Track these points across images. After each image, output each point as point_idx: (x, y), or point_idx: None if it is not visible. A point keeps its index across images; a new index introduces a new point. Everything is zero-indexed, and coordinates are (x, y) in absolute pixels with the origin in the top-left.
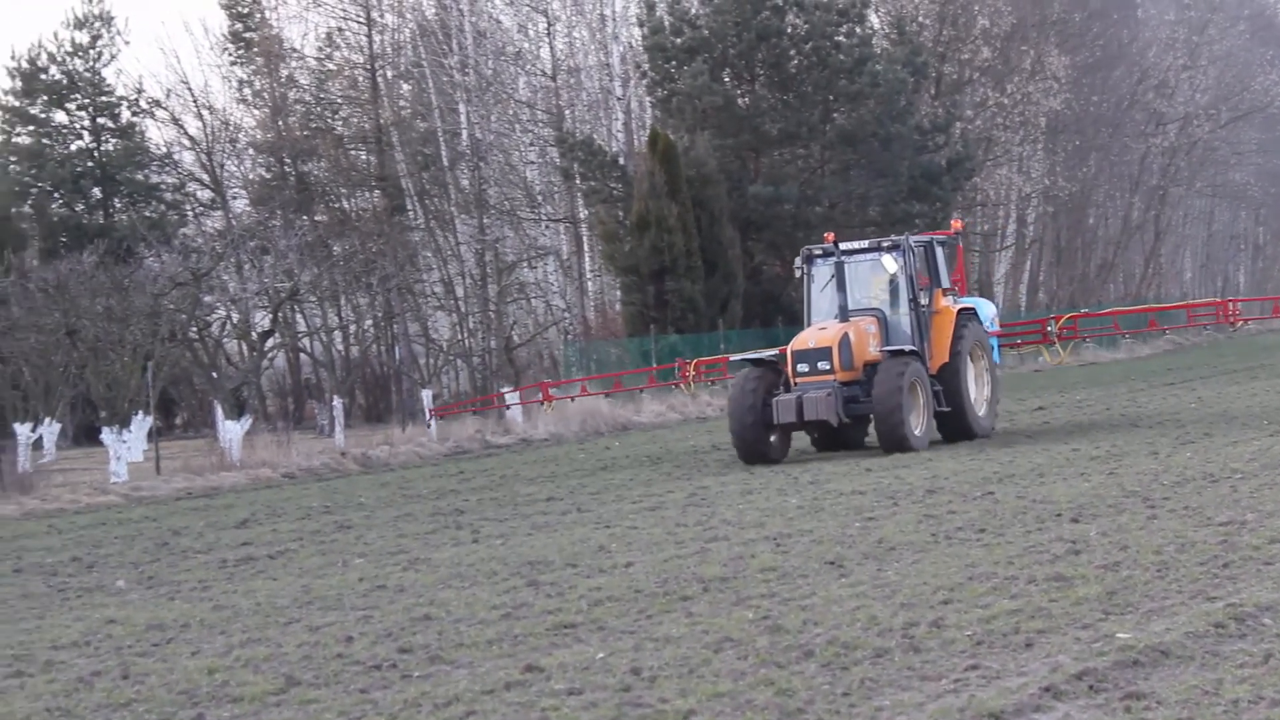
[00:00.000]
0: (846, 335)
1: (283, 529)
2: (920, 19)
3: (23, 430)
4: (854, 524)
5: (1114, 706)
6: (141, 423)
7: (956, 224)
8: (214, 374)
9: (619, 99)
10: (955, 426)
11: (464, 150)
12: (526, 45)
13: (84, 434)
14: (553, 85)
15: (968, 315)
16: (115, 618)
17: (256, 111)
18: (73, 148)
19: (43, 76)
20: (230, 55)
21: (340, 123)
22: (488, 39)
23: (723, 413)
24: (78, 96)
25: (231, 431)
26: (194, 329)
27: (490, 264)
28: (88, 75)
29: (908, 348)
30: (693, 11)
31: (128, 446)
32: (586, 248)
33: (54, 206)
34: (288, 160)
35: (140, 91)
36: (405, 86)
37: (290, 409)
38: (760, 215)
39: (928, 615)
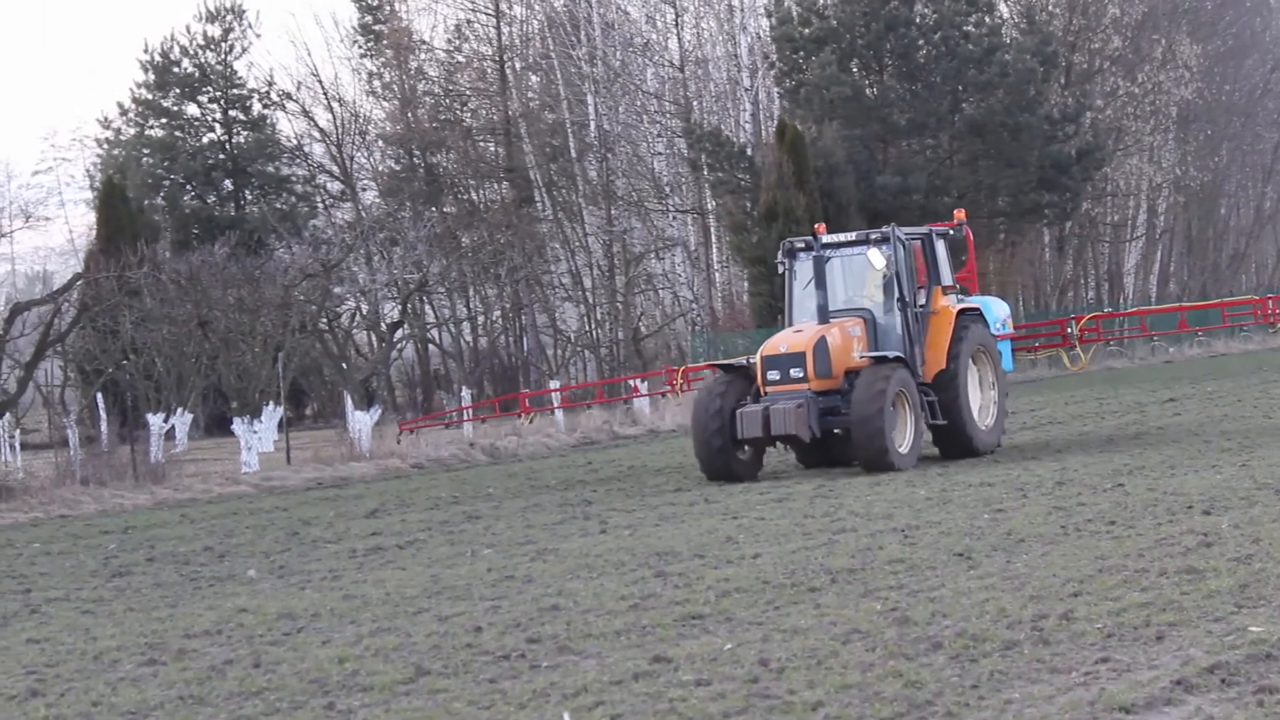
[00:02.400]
0: (824, 339)
1: (412, 519)
2: (1050, 8)
3: (155, 420)
4: (982, 516)
5: (1246, 700)
6: (272, 413)
7: (959, 214)
8: (344, 365)
9: (747, 90)
10: (953, 441)
11: (592, 141)
12: (654, 36)
13: (215, 424)
14: (680, 76)
15: (970, 316)
16: (247, 607)
17: (386, 104)
18: (205, 140)
19: (175, 70)
20: (360, 48)
21: (469, 114)
22: (616, 30)
23: None
24: (210, 89)
25: (361, 422)
26: (324, 320)
27: (618, 255)
28: (219, 68)
29: (891, 354)
30: (821, 2)
31: (259, 437)
32: (714, 239)
33: (186, 199)
34: (417, 152)
35: (271, 84)
36: (534, 78)
37: (419, 400)
38: (888, 206)
39: (1057, 608)
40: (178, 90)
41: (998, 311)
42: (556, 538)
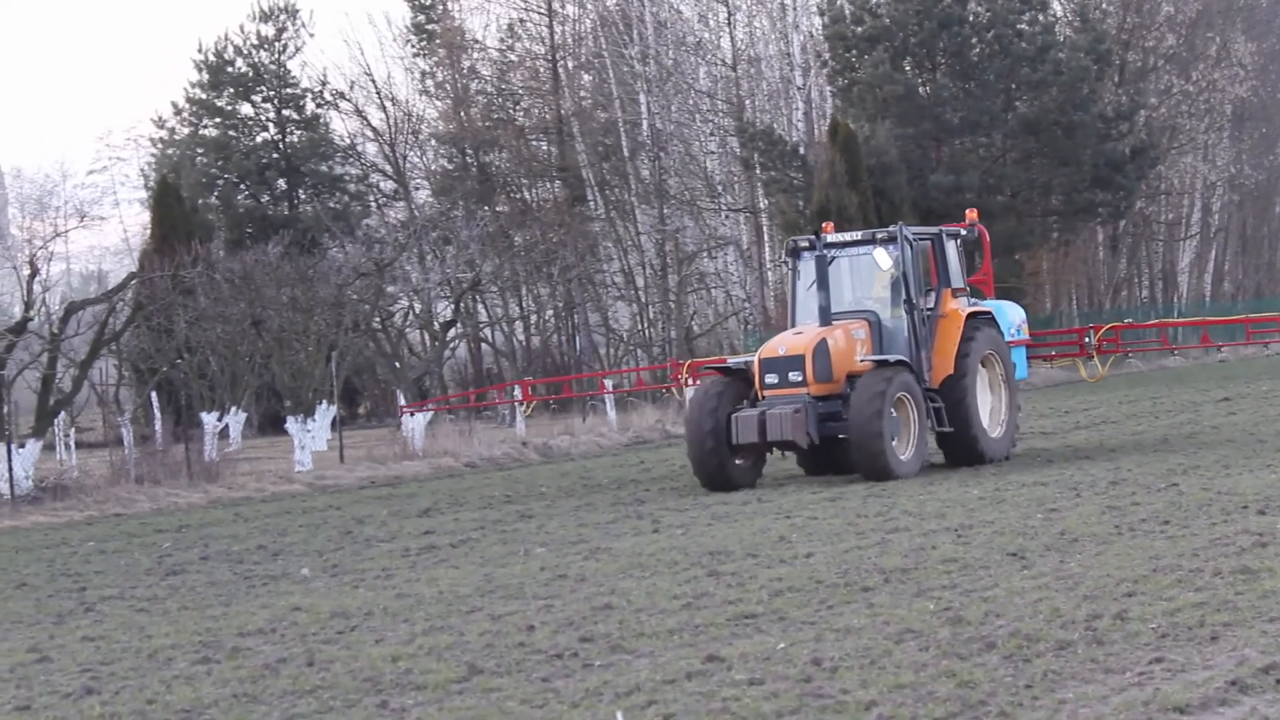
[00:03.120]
0: (824, 341)
1: (465, 518)
2: (1104, 6)
3: (209, 419)
4: (1036, 515)
5: None
6: (325, 412)
7: (971, 214)
8: (397, 364)
9: (799, 88)
10: (960, 449)
11: (644, 140)
12: (707, 35)
13: (269, 423)
14: (733, 75)
15: (981, 320)
16: (300, 605)
17: (439, 103)
18: (258, 139)
19: (229, 69)
20: (413, 47)
21: (521, 113)
22: (668, 29)
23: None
24: (263, 89)
25: (414, 421)
26: (377, 319)
27: (670, 254)
28: (273, 68)
29: (893, 357)
30: (874, 0)
31: (312, 436)
32: (767, 237)
33: (240, 198)
34: (469, 151)
35: (324, 83)
36: (586, 77)
37: (472, 399)
38: (942, 204)
39: (1111, 608)
40: (232, 90)
41: (1012, 316)
42: (609, 537)
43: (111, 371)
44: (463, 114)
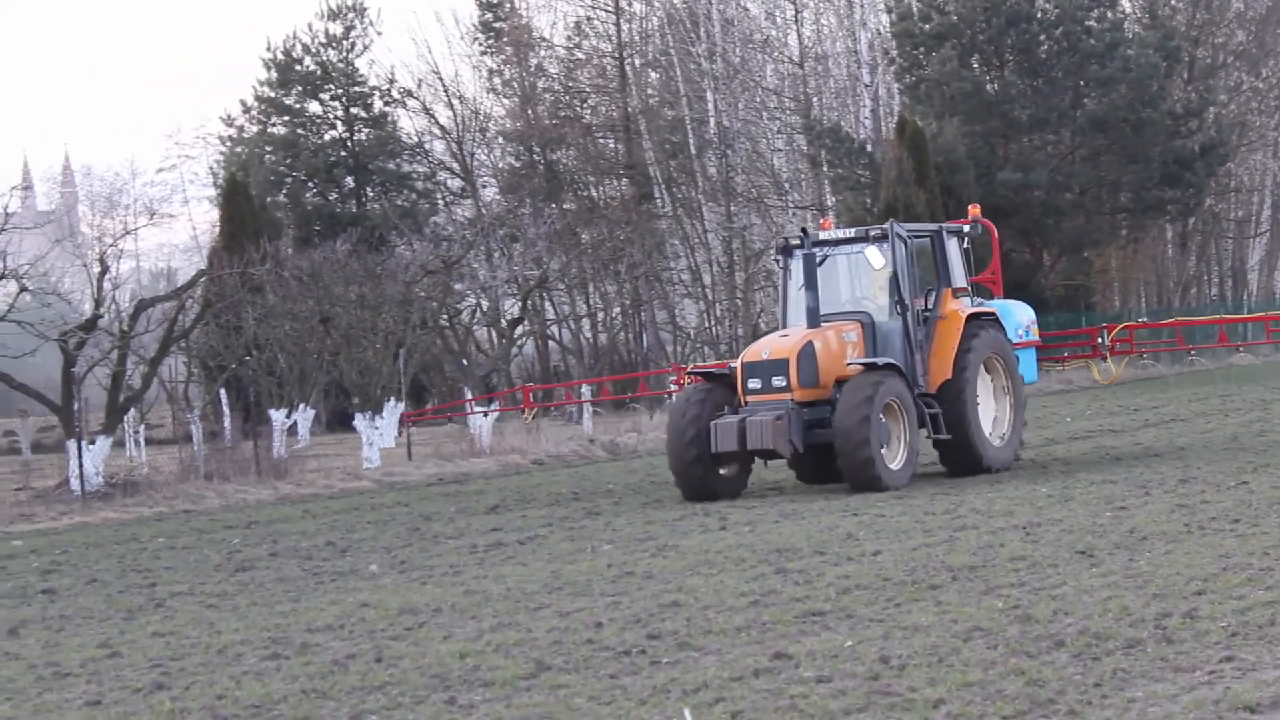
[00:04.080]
0: (810, 345)
1: (532, 515)
2: (1173, 2)
3: (278, 416)
4: (1105, 513)
5: None
6: (393, 409)
7: (974, 210)
8: (464, 361)
9: (867, 86)
10: (959, 458)
11: (711, 138)
12: (774, 33)
13: (337, 420)
14: (800, 72)
15: (983, 322)
16: (369, 602)
17: (506, 100)
18: (326, 137)
19: (297, 68)
20: (480, 45)
21: (589, 111)
22: (735, 27)
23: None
24: (331, 87)
25: (481, 418)
26: (445, 316)
27: (737, 251)
28: (341, 66)
29: (882, 360)
30: None
31: (380, 433)
32: None
33: (308, 195)
34: (537, 149)
35: (392, 81)
36: (653, 75)
37: (539, 396)
38: (1009, 202)
39: (1181, 606)
40: (300, 88)
41: (1020, 317)
42: (677, 534)
43: (181, 368)
44: (530, 112)
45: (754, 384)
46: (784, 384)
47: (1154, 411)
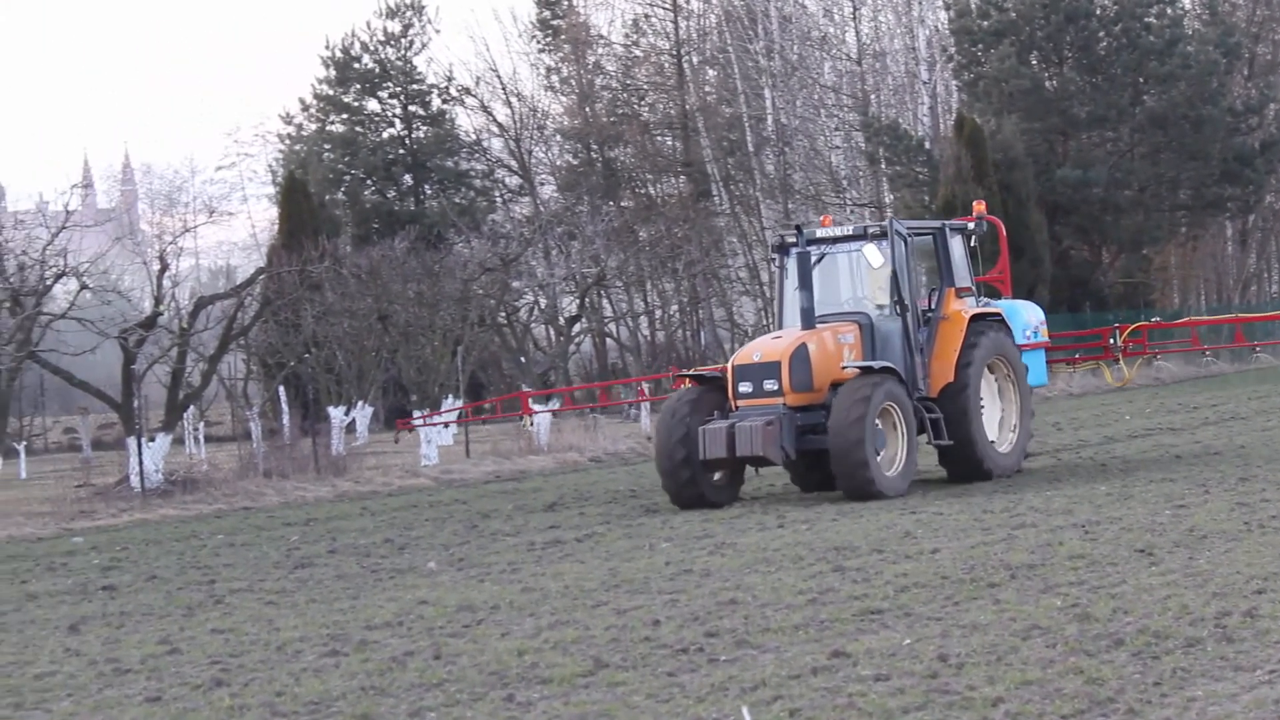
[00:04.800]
0: (804, 347)
1: (590, 513)
2: None
3: (336, 413)
4: (1164, 511)
5: None
6: (451, 406)
7: (979, 206)
8: (522, 358)
9: (925, 83)
10: (961, 464)
11: (769, 135)
12: (832, 30)
13: (395, 417)
14: (858, 70)
15: (988, 323)
16: (427, 599)
17: (564, 98)
18: (385, 135)
19: (356, 65)
20: (538, 43)
21: (646, 109)
22: (793, 24)
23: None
24: (390, 85)
25: (539, 416)
26: (502, 314)
27: None
28: (399, 64)
29: (878, 363)
30: None
31: (438, 430)
32: None
33: (366, 193)
34: (594, 146)
35: (450, 79)
36: (711, 72)
37: (596, 393)
38: (1068, 199)
39: (1241, 605)
40: (358, 86)
41: (1027, 317)
42: (734, 532)
43: (240, 366)
44: (588, 109)
45: (745, 388)
46: (776, 388)
47: (1213, 410)
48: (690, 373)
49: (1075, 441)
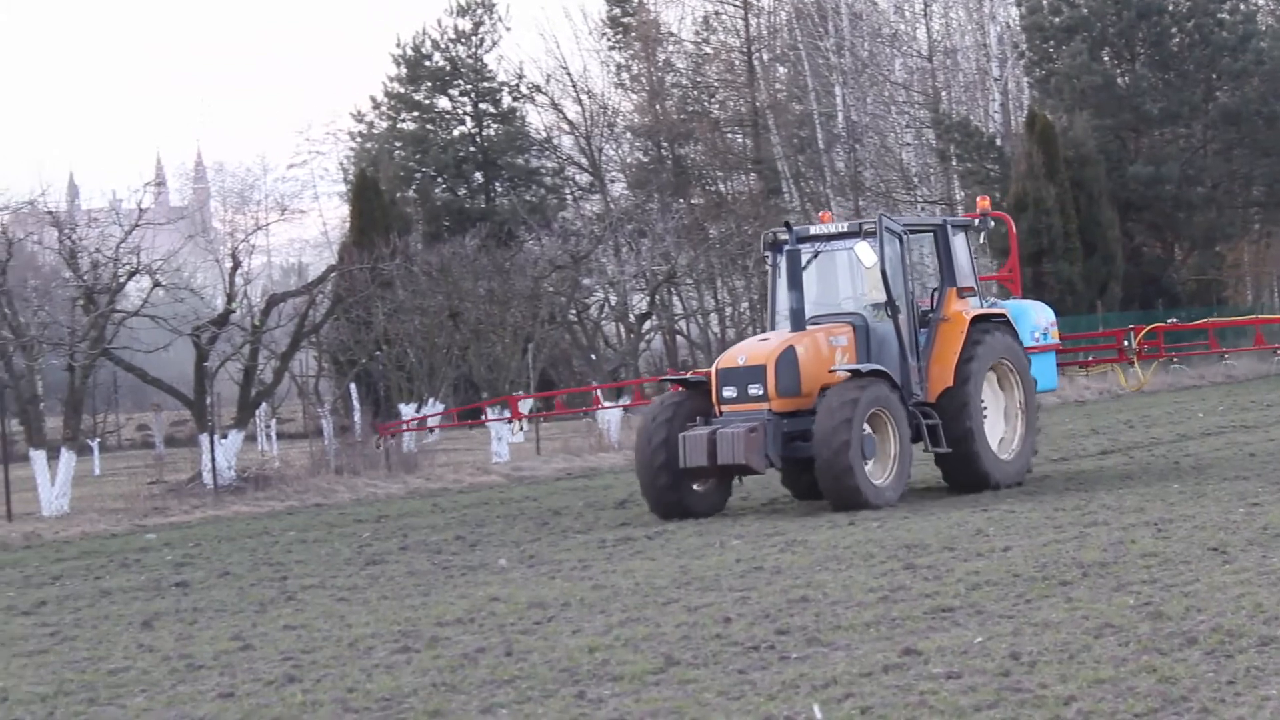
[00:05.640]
0: (791, 349)
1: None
2: None
3: (407, 411)
4: (1238, 509)
5: None
6: (521, 404)
7: (983, 202)
8: (592, 356)
9: (996, 79)
10: (961, 473)
11: (839, 133)
12: (903, 27)
13: (466, 414)
14: (929, 66)
15: (991, 324)
16: (498, 595)
17: (634, 96)
18: (455, 133)
19: (427, 63)
20: (608, 40)
21: (717, 106)
22: (864, 21)
23: (1104, 396)
24: (460, 83)
25: (610, 413)
26: (573, 311)
27: None
28: (470, 62)
29: (866, 367)
30: None
31: (508, 427)
32: None
33: (437, 191)
34: (665, 144)
35: (520, 77)
36: (781, 69)
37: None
38: (1140, 196)
39: None
40: (429, 84)
41: (1036, 319)
42: (805, 529)
43: (311, 363)
44: (658, 107)
45: (729, 392)
46: (761, 393)
47: None
48: (675, 377)
49: (1148, 439)
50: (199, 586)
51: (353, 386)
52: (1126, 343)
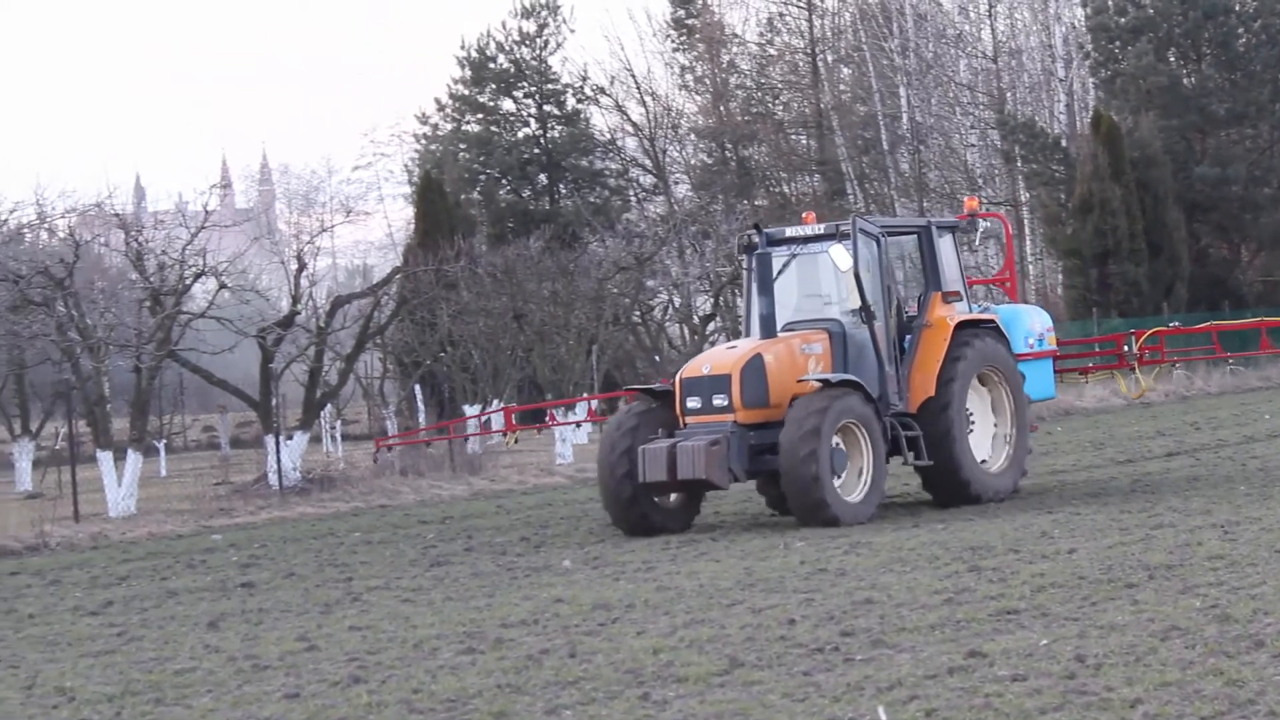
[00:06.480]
0: (758, 358)
1: (724, 511)
2: None
3: (472, 412)
4: None
5: None
6: (579, 406)
7: (970, 202)
8: (656, 357)
9: (1061, 80)
10: (944, 487)
11: (904, 134)
12: (967, 28)
13: (530, 416)
14: (994, 67)
15: (978, 330)
16: (562, 597)
17: (698, 97)
18: (520, 135)
19: (491, 65)
20: (673, 42)
21: (781, 107)
22: (928, 22)
23: (1169, 399)
24: (525, 84)
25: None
26: (637, 313)
27: None
28: (534, 63)
29: (836, 376)
30: None
31: (572, 429)
32: (1028, 231)
33: (502, 193)
34: (729, 145)
35: (585, 79)
36: (845, 71)
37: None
38: (1206, 197)
39: None
40: (493, 86)
41: (1031, 324)
42: (869, 531)
43: (376, 365)
44: (722, 108)
45: (693, 403)
46: (725, 403)
47: None
48: (640, 387)
49: (1214, 441)
50: (264, 587)
51: (417, 388)
52: (1127, 348)
